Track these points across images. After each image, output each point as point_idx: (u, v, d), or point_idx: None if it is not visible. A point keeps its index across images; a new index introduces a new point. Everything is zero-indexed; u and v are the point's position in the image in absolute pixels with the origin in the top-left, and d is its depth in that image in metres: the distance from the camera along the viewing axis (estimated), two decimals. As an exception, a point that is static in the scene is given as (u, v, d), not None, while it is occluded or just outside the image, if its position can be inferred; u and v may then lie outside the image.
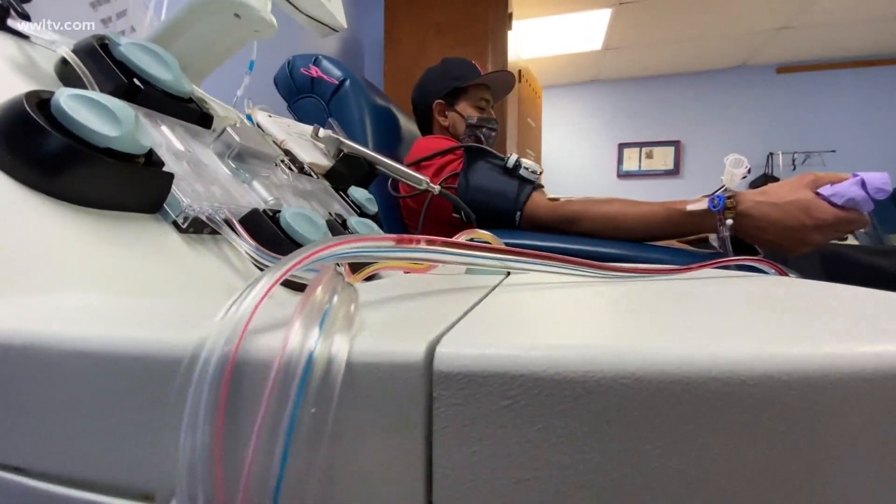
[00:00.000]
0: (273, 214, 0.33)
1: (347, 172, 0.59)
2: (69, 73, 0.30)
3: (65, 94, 0.22)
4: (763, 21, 2.63)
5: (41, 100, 0.24)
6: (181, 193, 0.29)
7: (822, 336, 0.12)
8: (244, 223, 0.30)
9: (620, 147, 3.50)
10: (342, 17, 0.58)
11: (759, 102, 3.24)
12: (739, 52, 3.04)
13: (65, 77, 0.31)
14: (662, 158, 3.42)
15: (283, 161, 0.47)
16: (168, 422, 0.11)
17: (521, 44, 2.70)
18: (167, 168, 0.28)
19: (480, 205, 0.80)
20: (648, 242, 0.75)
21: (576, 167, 3.57)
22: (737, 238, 0.66)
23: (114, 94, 0.29)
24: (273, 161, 0.43)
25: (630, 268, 0.28)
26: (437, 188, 0.64)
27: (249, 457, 0.09)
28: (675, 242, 0.82)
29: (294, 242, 0.32)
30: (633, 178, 3.48)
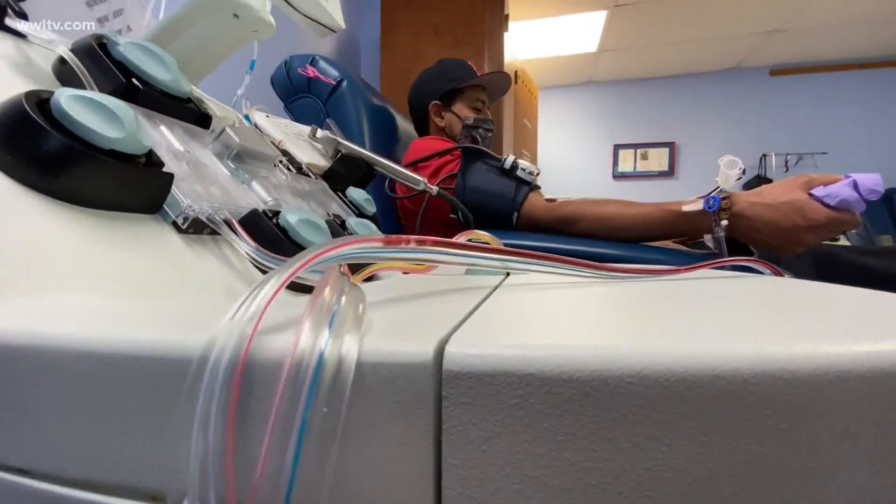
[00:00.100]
0: (273, 215, 0.33)
1: (345, 173, 0.59)
2: (67, 73, 0.30)
3: (65, 95, 0.22)
4: (756, 24, 2.65)
5: (40, 99, 0.24)
6: (181, 194, 0.28)
7: (821, 335, 0.12)
8: (244, 224, 0.30)
9: (616, 148, 3.52)
10: (340, 18, 0.58)
11: (753, 104, 3.27)
12: (733, 55, 3.07)
13: (63, 77, 0.31)
14: (657, 159, 3.44)
15: (282, 161, 0.47)
16: (177, 422, 0.11)
17: (518, 45, 2.71)
18: (167, 168, 0.28)
19: (478, 205, 0.80)
20: (644, 243, 0.75)
21: (571, 168, 3.59)
22: (731, 238, 0.67)
23: (112, 94, 0.29)
24: (272, 161, 0.43)
25: (628, 268, 0.28)
26: (435, 189, 0.64)
27: (262, 457, 0.09)
28: (671, 243, 0.82)
29: (293, 243, 0.31)
30: (629, 179, 3.50)
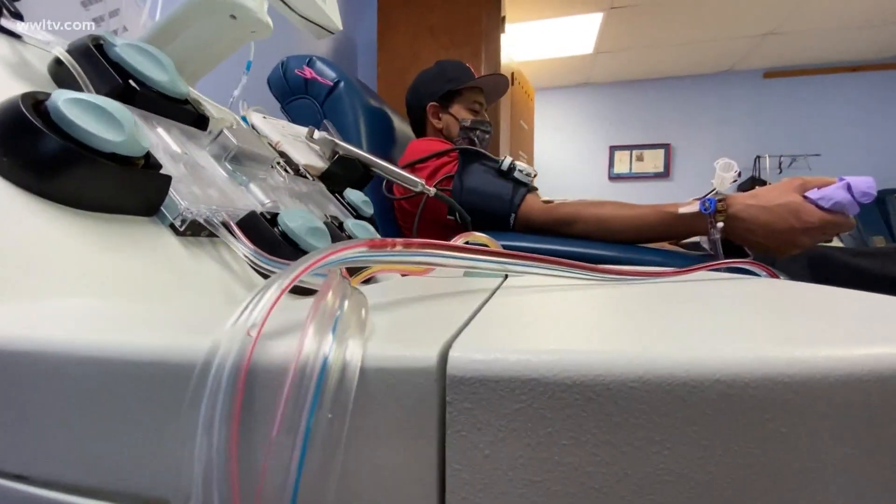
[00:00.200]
0: (271, 217, 0.33)
1: (342, 174, 0.59)
2: (63, 74, 0.30)
3: (63, 98, 0.22)
4: (750, 27, 2.68)
5: (37, 101, 0.24)
6: (178, 196, 0.28)
7: (820, 339, 0.12)
8: (242, 226, 0.30)
9: (611, 149, 3.54)
10: (337, 19, 0.58)
11: (747, 106, 3.30)
12: (727, 57, 3.09)
13: (59, 78, 0.31)
14: (653, 161, 3.46)
15: (279, 163, 0.46)
16: (180, 428, 0.11)
17: (514, 46, 2.72)
18: (164, 170, 0.28)
19: (475, 207, 0.80)
20: (641, 244, 0.75)
21: (568, 169, 3.60)
22: (726, 240, 0.67)
23: (109, 96, 0.29)
24: (269, 163, 0.42)
25: (626, 270, 0.29)
26: (433, 190, 0.64)
27: (266, 463, 0.09)
28: (667, 244, 0.83)
29: (291, 245, 0.31)
30: (624, 181, 3.51)
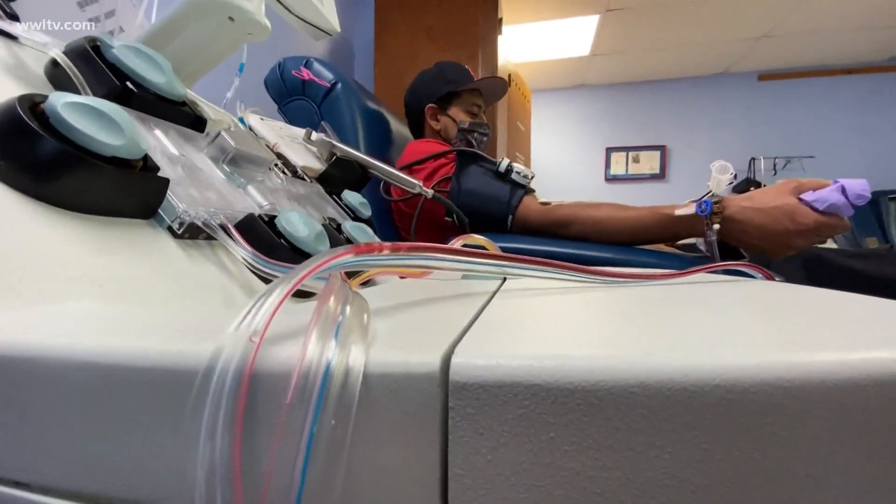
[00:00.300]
0: (269, 219, 0.33)
1: (340, 176, 0.59)
2: (60, 76, 0.30)
3: (62, 102, 0.22)
4: (745, 30, 2.70)
5: (33, 103, 0.23)
6: (176, 199, 0.28)
7: (819, 343, 0.13)
8: (240, 228, 0.30)
9: (608, 151, 3.55)
10: (335, 21, 0.58)
11: (742, 108, 3.32)
12: (722, 60, 3.11)
13: (55, 79, 0.30)
14: (649, 162, 3.48)
15: (277, 165, 0.46)
16: (182, 434, 0.11)
17: (511, 48, 2.73)
18: (162, 173, 0.28)
19: (473, 209, 0.80)
20: (637, 246, 0.76)
21: (564, 170, 3.61)
22: (722, 242, 0.68)
23: (106, 98, 0.29)
24: (267, 165, 0.42)
25: (625, 273, 0.29)
26: (431, 192, 0.64)
27: (269, 469, 0.09)
28: (663, 246, 0.83)
29: (290, 248, 0.31)
30: (621, 182, 3.53)
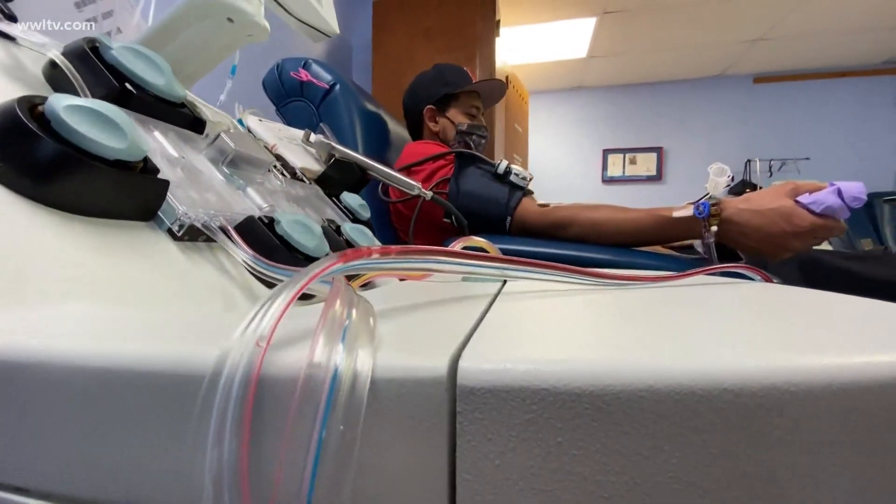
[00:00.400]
0: (268, 221, 0.32)
1: (339, 178, 0.59)
2: (59, 77, 0.30)
3: (63, 106, 0.21)
4: (741, 33, 2.72)
5: (32, 105, 0.23)
6: (176, 201, 0.28)
7: (824, 347, 0.13)
8: (240, 231, 0.30)
9: (605, 153, 3.56)
10: (335, 23, 0.58)
11: (738, 111, 3.34)
12: (718, 62, 3.13)
13: (54, 81, 0.30)
14: (645, 164, 3.49)
15: (276, 167, 0.46)
16: (187, 440, 0.11)
17: (509, 50, 2.74)
18: (162, 175, 0.28)
19: (471, 210, 0.80)
20: (635, 248, 0.76)
21: (561, 172, 3.62)
22: (719, 244, 0.68)
23: (105, 99, 0.29)
24: (266, 167, 0.42)
25: (626, 276, 0.29)
26: (429, 194, 0.64)
27: (278, 476, 0.09)
28: (661, 248, 0.84)
29: (290, 250, 0.31)
30: (618, 184, 3.54)
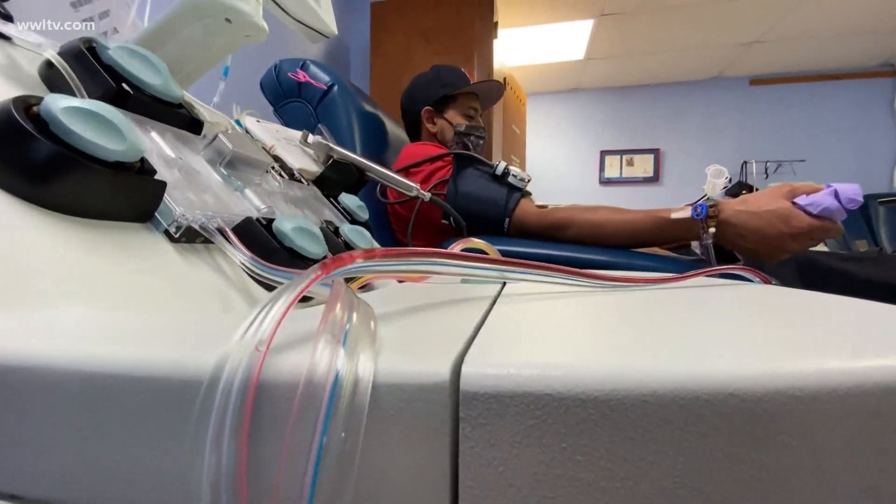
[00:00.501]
0: (267, 223, 0.32)
1: (337, 179, 0.59)
2: (55, 77, 0.29)
3: (61, 108, 0.21)
4: (737, 35, 2.74)
5: (28, 105, 0.23)
6: (173, 202, 0.28)
7: (828, 350, 0.13)
8: (238, 232, 0.30)
9: (602, 154, 3.57)
10: (333, 23, 0.57)
11: (734, 113, 3.36)
12: (715, 65, 3.15)
13: (50, 81, 0.30)
14: (642, 166, 3.50)
15: (274, 168, 0.46)
16: (184, 445, 0.11)
17: (506, 52, 2.74)
18: (159, 176, 0.27)
19: (469, 211, 0.80)
20: (633, 249, 0.76)
21: (559, 173, 3.63)
22: (717, 245, 0.68)
23: (102, 100, 0.28)
24: (264, 168, 0.42)
25: (626, 277, 0.29)
26: (428, 195, 0.64)
27: (278, 482, 0.09)
28: (659, 249, 0.84)
29: (288, 252, 0.31)
30: (615, 185, 3.55)
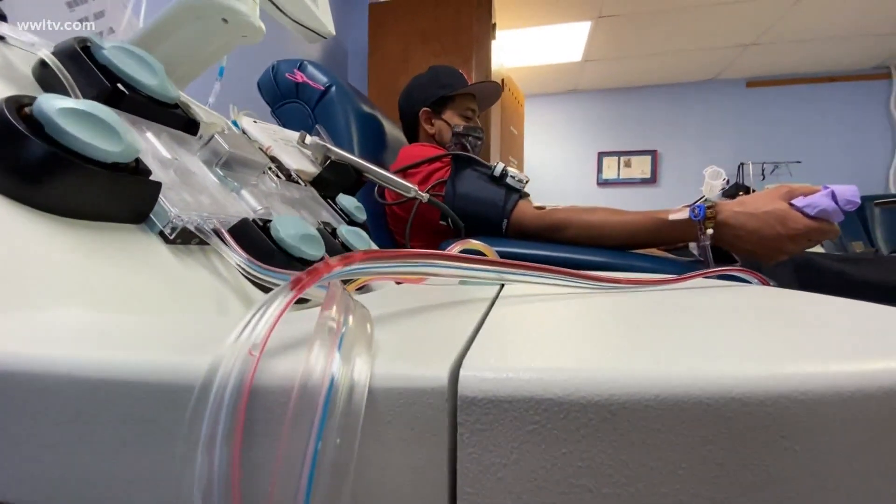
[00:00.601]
0: (263, 224, 0.32)
1: (335, 180, 0.58)
2: (49, 77, 0.29)
3: (55, 109, 0.21)
4: (733, 37, 2.75)
5: (20, 105, 0.23)
6: (168, 203, 0.28)
7: (830, 353, 0.12)
8: (234, 233, 0.29)
9: (600, 155, 3.58)
10: (330, 24, 0.57)
11: (731, 114, 3.37)
12: (711, 66, 3.16)
13: (44, 80, 0.30)
14: (640, 167, 3.51)
15: (271, 168, 0.46)
16: (177, 451, 0.11)
17: (504, 53, 2.75)
18: (154, 177, 0.27)
19: (467, 212, 0.80)
20: (631, 250, 0.76)
21: (557, 174, 3.63)
22: (714, 246, 0.68)
23: (97, 100, 0.28)
24: (261, 169, 0.42)
25: (624, 279, 0.29)
26: (426, 196, 0.64)
27: (272, 489, 0.08)
28: (656, 250, 0.84)
29: (285, 253, 0.31)
30: (613, 186, 3.56)
